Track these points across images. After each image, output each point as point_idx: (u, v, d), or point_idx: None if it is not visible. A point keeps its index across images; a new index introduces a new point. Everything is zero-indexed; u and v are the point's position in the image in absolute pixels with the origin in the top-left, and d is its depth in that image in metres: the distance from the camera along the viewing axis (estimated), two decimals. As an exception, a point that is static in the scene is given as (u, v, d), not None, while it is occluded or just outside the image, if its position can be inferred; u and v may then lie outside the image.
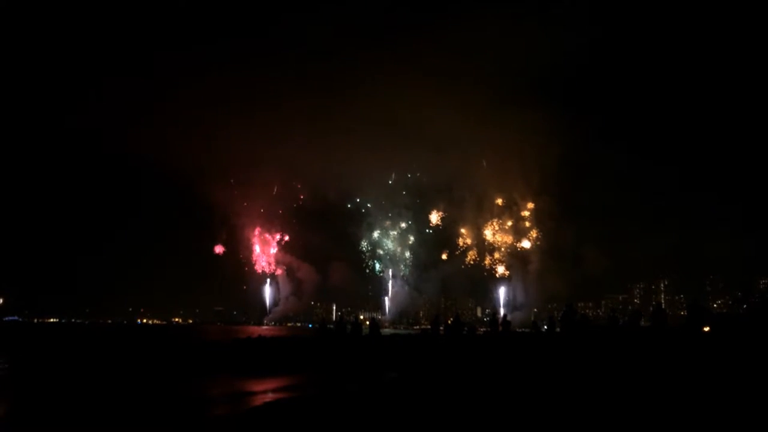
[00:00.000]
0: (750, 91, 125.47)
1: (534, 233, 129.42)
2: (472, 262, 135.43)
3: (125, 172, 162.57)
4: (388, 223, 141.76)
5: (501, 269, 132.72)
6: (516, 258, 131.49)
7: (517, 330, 59.22)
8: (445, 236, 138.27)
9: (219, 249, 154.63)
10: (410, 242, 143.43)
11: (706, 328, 28.64)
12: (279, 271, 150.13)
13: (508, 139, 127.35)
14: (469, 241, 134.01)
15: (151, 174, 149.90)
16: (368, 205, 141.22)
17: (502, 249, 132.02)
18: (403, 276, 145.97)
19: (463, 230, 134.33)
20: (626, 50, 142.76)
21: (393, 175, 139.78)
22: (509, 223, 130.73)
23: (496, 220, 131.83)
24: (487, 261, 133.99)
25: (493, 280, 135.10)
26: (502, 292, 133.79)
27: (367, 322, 33.08)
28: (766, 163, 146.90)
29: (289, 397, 16.30)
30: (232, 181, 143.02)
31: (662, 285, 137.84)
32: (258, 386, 18.11)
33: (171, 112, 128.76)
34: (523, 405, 13.65)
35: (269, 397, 16.35)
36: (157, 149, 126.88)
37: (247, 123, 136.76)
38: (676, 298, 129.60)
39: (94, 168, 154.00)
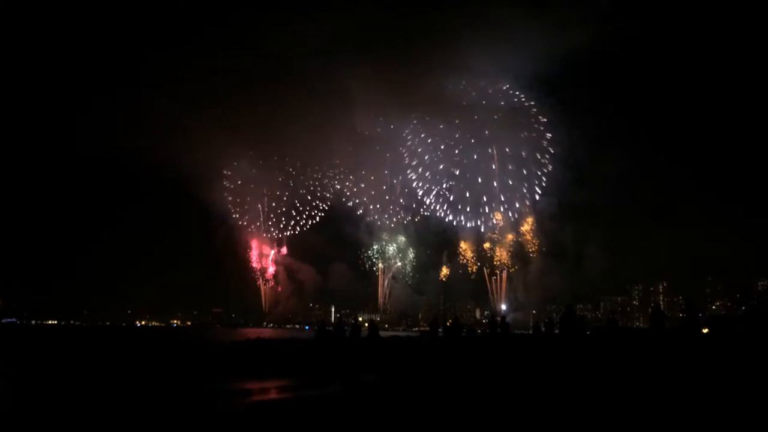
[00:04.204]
0: (750, 91, 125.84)
1: (534, 247, 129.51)
2: (473, 276, 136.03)
3: (124, 173, 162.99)
4: (386, 235, 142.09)
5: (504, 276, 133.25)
6: (516, 259, 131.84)
7: (516, 332, 59.20)
8: (445, 238, 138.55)
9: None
10: (410, 256, 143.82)
11: (705, 330, 28.66)
12: (279, 288, 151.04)
13: (506, 141, 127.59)
14: (469, 254, 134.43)
15: (150, 175, 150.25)
16: (367, 205, 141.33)
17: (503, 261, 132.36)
18: (403, 278, 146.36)
19: (462, 244, 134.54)
20: (626, 50, 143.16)
21: (389, 174, 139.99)
22: (510, 237, 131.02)
23: (495, 233, 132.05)
24: (487, 272, 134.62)
25: (493, 283, 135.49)
26: (501, 294, 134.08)
27: (366, 324, 33.01)
28: (766, 164, 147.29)
29: (279, 399, 16.35)
30: (227, 183, 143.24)
31: (661, 287, 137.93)
32: (253, 386, 18.07)
33: (168, 112, 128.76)
34: (518, 407, 13.63)
35: (260, 397, 16.33)
36: (154, 150, 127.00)
37: (244, 123, 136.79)
38: (675, 299, 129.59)
39: (93, 169, 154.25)
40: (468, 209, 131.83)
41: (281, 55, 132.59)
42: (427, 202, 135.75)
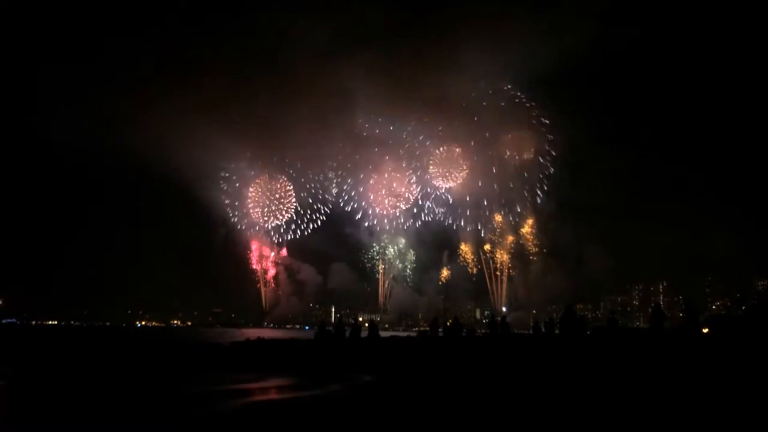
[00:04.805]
0: (749, 91, 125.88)
1: (534, 247, 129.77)
2: (474, 278, 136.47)
3: (124, 174, 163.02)
4: (386, 237, 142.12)
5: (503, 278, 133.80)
6: (516, 259, 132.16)
7: (516, 332, 59.16)
8: (445, 238, 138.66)
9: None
10: (410, 257, 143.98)
11: (705, 330, 28.66)
12: (279, 292, 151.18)
13: (507, 141, 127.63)
14: (469, 255, 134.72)
15: (150, 176, 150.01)
16: (367, 207, 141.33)
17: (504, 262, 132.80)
18: (403, 279, 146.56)
19: (463, 245, 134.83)
20: (626, 49, 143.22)
21: (390, 176, 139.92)
22: (510, 239, 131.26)
23: (495, 236, 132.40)
24: (486, 273, 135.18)
25: (493, 282, 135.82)
26: (502, 295, 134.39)
27: (366, 324, 33.04)
28: (766, 164, 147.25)
29: (279, 399, 16.42)
30: (224, 186, 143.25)
31: (661, 286, 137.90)
32: (253, 386, 18.13)
33: (168, 112, 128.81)
34: (517, 407, 13.64)
35: (260, 397, 16.39)
36: (154, 149, 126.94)
37: (244, 124, 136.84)
38: (675, 299, 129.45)
39: (93, 170, 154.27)
40: (468, 211, 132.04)
41: (280, 55, 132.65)
42: (428, 203, 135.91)
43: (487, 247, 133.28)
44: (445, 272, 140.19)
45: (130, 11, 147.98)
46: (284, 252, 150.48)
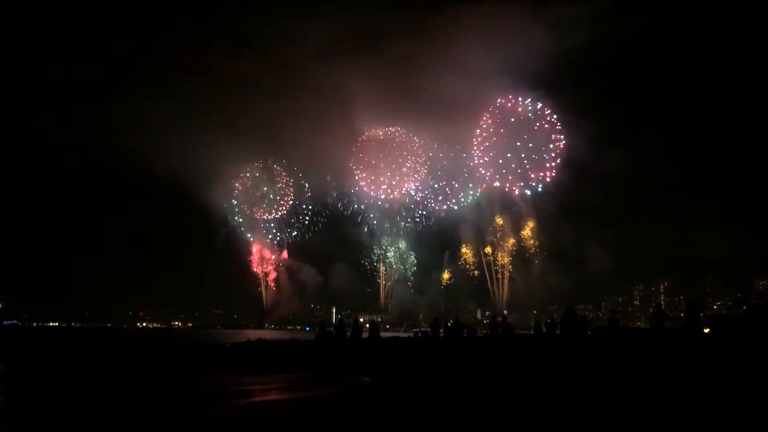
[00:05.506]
0: (749, 91, 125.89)
1: (535, 248, 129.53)
2: (475, 282, 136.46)
3: (125, 175, 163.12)
4: (387, 238, 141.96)
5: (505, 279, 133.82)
6: (517, 260, 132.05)
7: (517, 332, 59.08)
8: (446, 239, 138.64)
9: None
10: (411, 258, 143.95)
11: (706, 330, 28.66)
12: (281, 296, 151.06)
13: (507, 142, 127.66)
14: (470, 258, 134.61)
15: (152, 178, 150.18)
16: (368, 208, 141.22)
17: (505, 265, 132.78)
18: (404, 280, 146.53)
19: (464, 248, 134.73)
20: (627, 49, 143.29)
21: (390, 176, 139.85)
22: (511, 241, 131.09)
23: (496, 238, 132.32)
24: (487, 274, 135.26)
25: (495, 283, 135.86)
26: (503, 295, 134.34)
27: (367, 325, 33.06)
28: (765, 164, 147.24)
29: (279, 399, 16.49)
30: (224, 188, 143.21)
31: (662, 286, 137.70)
32: (254, 387, 18.17)
33: (169, 114, 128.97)
34: (518, 408, 13.66)
35: (261, 398, 16.44)
36: (155, 150, 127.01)
37: (245, 125, 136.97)
38: (676, 299, 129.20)
39: (93, 170, 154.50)
40: (468, 212, 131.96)
41: (281, 56, 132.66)
42: (428, 204, 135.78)
43: (488, 249, 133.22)
44: (446, 274, 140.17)
45: (131, 12, 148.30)
46: (285, 254, 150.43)
